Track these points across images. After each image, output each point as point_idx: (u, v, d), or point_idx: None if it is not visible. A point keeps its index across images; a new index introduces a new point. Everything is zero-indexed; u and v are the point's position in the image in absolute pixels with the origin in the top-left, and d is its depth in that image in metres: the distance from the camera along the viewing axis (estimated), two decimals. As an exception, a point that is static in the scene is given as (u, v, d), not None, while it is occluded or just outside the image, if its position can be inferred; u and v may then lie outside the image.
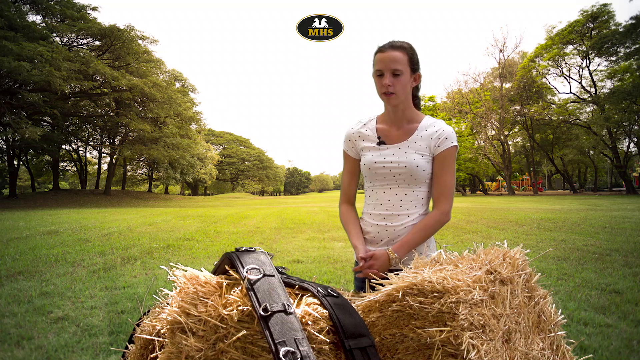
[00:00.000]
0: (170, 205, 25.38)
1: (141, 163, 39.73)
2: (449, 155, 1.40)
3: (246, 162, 64.38)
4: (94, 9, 25.03)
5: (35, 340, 2.78)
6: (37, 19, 23.47)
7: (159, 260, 5.60)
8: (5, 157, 27.66)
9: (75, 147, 35.10)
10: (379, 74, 1.38)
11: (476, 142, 39.46)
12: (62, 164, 37.70)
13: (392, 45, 1.38)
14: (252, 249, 0.94)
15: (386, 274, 0.96)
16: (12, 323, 3.09)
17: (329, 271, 4.81)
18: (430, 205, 1.47)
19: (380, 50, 1.39)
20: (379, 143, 1.46)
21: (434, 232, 1.39)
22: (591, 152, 38.30)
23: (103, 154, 35.15)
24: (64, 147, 32.75)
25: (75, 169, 38.99)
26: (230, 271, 0.89)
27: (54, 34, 23.35)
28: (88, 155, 38.93)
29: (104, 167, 37.69)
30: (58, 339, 2.77)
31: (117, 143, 31.39)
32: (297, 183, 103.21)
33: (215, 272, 0.96)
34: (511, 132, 40.31)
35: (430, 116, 1.50)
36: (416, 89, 1.48)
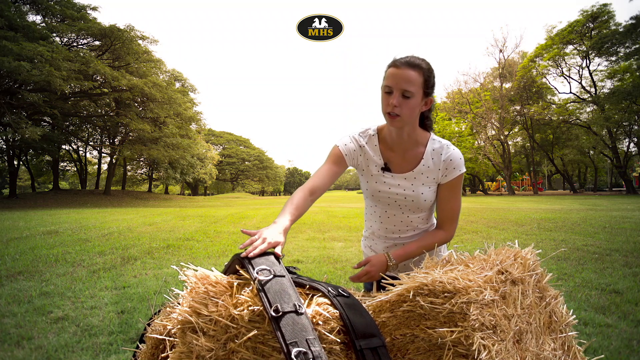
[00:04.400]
0: (170, 205, 25.36)
1: (141, 163, 39.76)
2: (457, 182, 1.38)
3: (246, 162, 64.45)
4: (94, 9, 25.03)
5: (35, 340, 2.77)
6: (37, 19, 23.47)
7: (159, 260, 5.59)
8: (5, 157, 27.63)
9: (75, 147, 35.11)
10: (387, 91, 1.23)
11: (476, 142, 39.51)
12: (62, 164, 37.71)
13: (409, 63, 1.21)
14: (263, 250, 0.94)
15: (397, 274, 0.95)
16: (12, 323, 3.08)
17: (329, 271, 4.81)
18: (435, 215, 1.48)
19: (394, 64, 1.23)
20: (384, 169, 1.38)
21: (436, 248, 1.39)
22: (591, 152, 38.37)
23: (103, 154, 35.16)
24: (64, 147, 32.73)
25: (75, 169, 38.99)
26: (240, 271, 0.88)
27: (54, 34, 23.33)
28: (88, 155, 38.98)
29: (104, 167, 37.73)
30: (58, 339, 2.76)
31: (117, 143, 31.38)
32: (297, 183, 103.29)
33: (225, 272, 0.95)
34: (511, 132, 40.37)
35: (434, 135, 1.40)
36: (428, 111, 1.36)
